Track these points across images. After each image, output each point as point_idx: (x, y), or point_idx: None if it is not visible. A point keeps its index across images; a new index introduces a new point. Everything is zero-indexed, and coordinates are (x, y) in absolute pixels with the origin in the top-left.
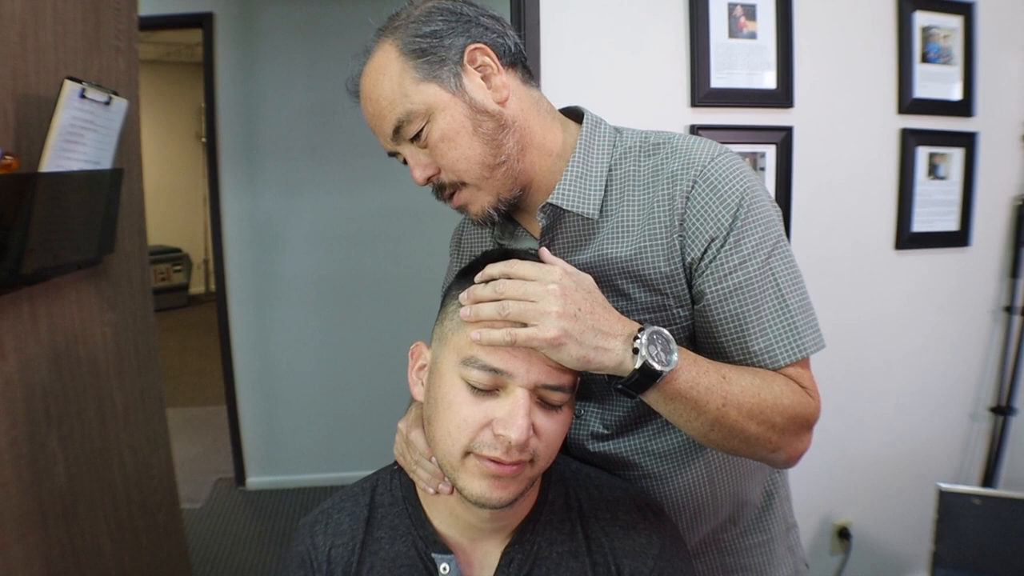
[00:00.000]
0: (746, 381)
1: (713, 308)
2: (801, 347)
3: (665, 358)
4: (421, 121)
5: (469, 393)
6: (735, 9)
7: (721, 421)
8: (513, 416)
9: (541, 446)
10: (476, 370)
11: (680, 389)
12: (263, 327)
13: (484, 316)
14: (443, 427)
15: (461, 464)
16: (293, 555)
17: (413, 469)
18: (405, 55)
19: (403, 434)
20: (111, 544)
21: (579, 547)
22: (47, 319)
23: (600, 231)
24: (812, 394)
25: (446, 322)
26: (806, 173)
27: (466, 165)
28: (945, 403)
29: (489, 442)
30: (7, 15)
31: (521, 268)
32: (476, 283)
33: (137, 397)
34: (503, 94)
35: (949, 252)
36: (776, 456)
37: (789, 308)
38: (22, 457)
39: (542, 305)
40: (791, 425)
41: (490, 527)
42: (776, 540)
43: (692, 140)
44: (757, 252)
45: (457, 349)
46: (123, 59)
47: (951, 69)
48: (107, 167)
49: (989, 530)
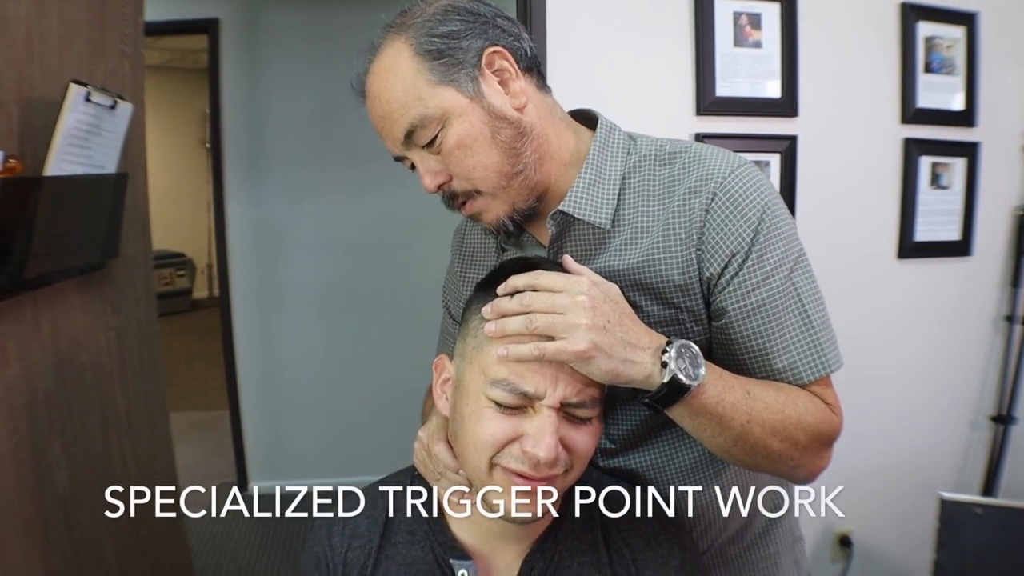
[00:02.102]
0: (771, 397)
1: (735, 325)
2: (825, 364)
3: (693, 372)
4: (436, 127)
5: (496, 411)
6: (740, 18)
7: (745, 438)
8: (541, 435)
9: (573, 458)
10: (503, 391)
11: (706, 404)
12: (266, 332)
13: (511, 331)
14: (470, 442)
15: (489, 477)
16: (309, 556)
17: (437, 479)
18: (420, 55)
19: (424, 444)
20: (113, 549)
21: (600, 557)
22: (50, 324)
23: (611, 241)
24: (835, 411)
25: (469, 338)
26: (810, 182)
27: (483, 173)
28: (946, 412)
29: (517, 455)
30: (12, 18)
31: (547, 279)
32: (500, 296)
33: (140, 402)
34: (521, 100)
35: (951, 261)
36: (797, 472)
37: (813, 325)
38: (24, 463)
39: (571, 318)
40: (813, 443)
41: (512, 534)
42: (783, 553)
43: (710, 150)
44: (780, 267)
45: (483, 368)
46: (128, 63)
47: (954, 79)
48: (112, 171)
49: (990, 539)
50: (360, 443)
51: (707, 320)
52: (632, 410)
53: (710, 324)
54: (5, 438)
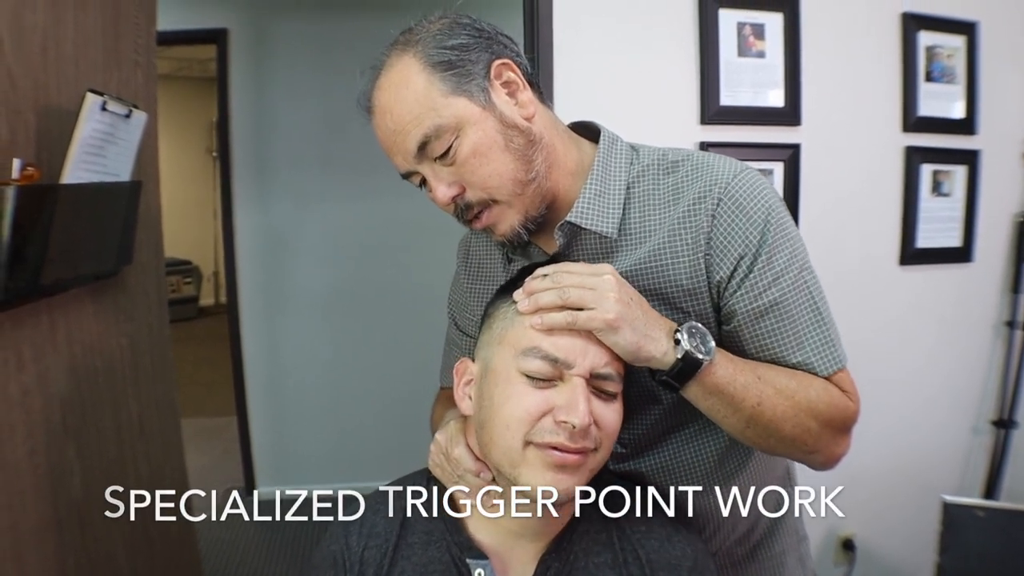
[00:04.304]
0: (782, 383)
1: (746, 327)
2: (837, 359)
3: (704, 348)
4: (450, 136)
5: (527, 384)
6: (744, 28)
7: (756, 420)
8: (574, 402)
9: (602, 435)
10: (536, 359)
11: (718, 383)
12: (273, 338)
13: (544, 303)
14: (501, 422)
15: (523, 458)
16: (325, 554)
17: (456, 481)
18: (431, 68)
19: (441, 447)
20: (125, 552)
21: (616, 557)
22: (65, 330)
23: (618, 250)
24: (852, 397)
25: (495, 326)
26: (813, 190)
27: (498, 181)
28: (948, 416)
29: (550, 428)
30: (29, 25)
31: (575, 265)
32: (529, 280)
33: (152, 407)
34: (530, 110)
35: (952, 268)
36: (813, 458)
37: (824, 321)
38: (40, 467)
39: (600, 291)
40: (827, 429)
41: (530, 534)
42: (788, 552)
43: (712, 157)
44: (790, 267)
45: (514, 342)
46: (142, 73)
47: (954, 88)
48: (126, 179)
49: (993, 542)
50: (367, 448)
51: (716, 324)
52: (642, 415)
53: (720, 328)
54: (21, 442)
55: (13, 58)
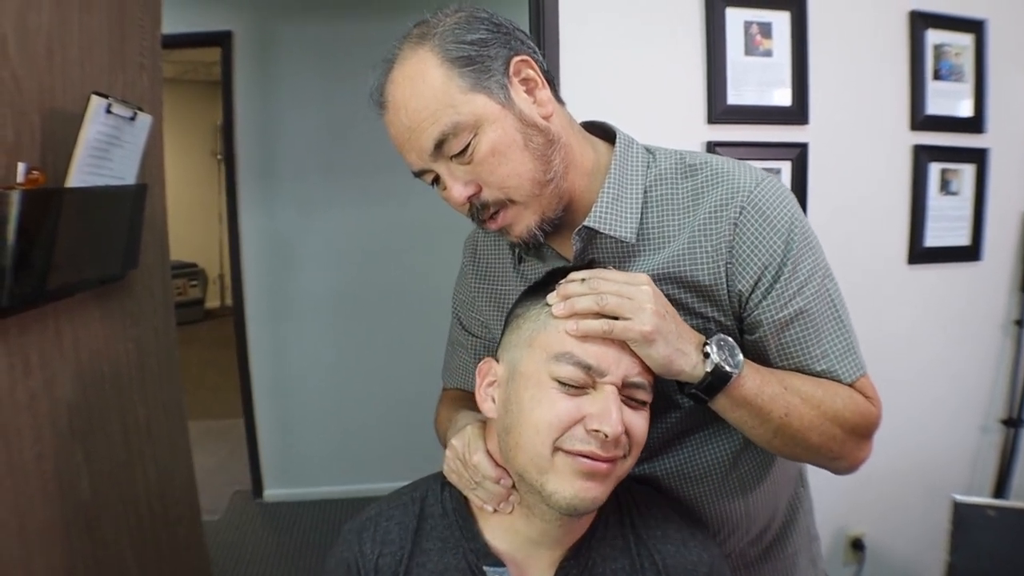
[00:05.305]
0: (808, 393)
1: (772, 337)
2: (859, 365)
3: (733, 361)
4: (468, 134)
5: (558, 391)
6: (751, 27)
7: (784, 430)
8: (607, 412)
9: (631, 443)
10: (568, 365)
11: (746, 395)
12: (279, 341)
13: (580, 308)
14: (530, 427)
15: (551, 464)
16: (339, 560)
17: (473, 488)
18: (449, 62)
19: (458, 452)
20: (133, 555)
21: (633, 563)
22: (71, 334)
23: (636, 255)
24: (875, 403)
25: (524, 327)
26: (821, 189)
27: (517, 181)
28: (957, 415)
29: (581, 436)
30: (34, 28)
31: (610, 273)
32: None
33: (160, 411)
34: (548, 109)
35: (961, 267)
36: (838, 464)
37: (846, 328)
38: (47, 471)
39: (637, 301)
40: (851, 436)
41: (549, 540)
42: (800, 552)
43: (731, 163)
44: (813, 276)
45: (546, 346)
46: (147, 76)
47: (962, 86)
48: (131, 183)
49: (1003, 541)
50: (374, 450)
51: (738, 332)
52: (660, 419)
53: (742, 336)
54: (28, 447)
55: (18, 60)
